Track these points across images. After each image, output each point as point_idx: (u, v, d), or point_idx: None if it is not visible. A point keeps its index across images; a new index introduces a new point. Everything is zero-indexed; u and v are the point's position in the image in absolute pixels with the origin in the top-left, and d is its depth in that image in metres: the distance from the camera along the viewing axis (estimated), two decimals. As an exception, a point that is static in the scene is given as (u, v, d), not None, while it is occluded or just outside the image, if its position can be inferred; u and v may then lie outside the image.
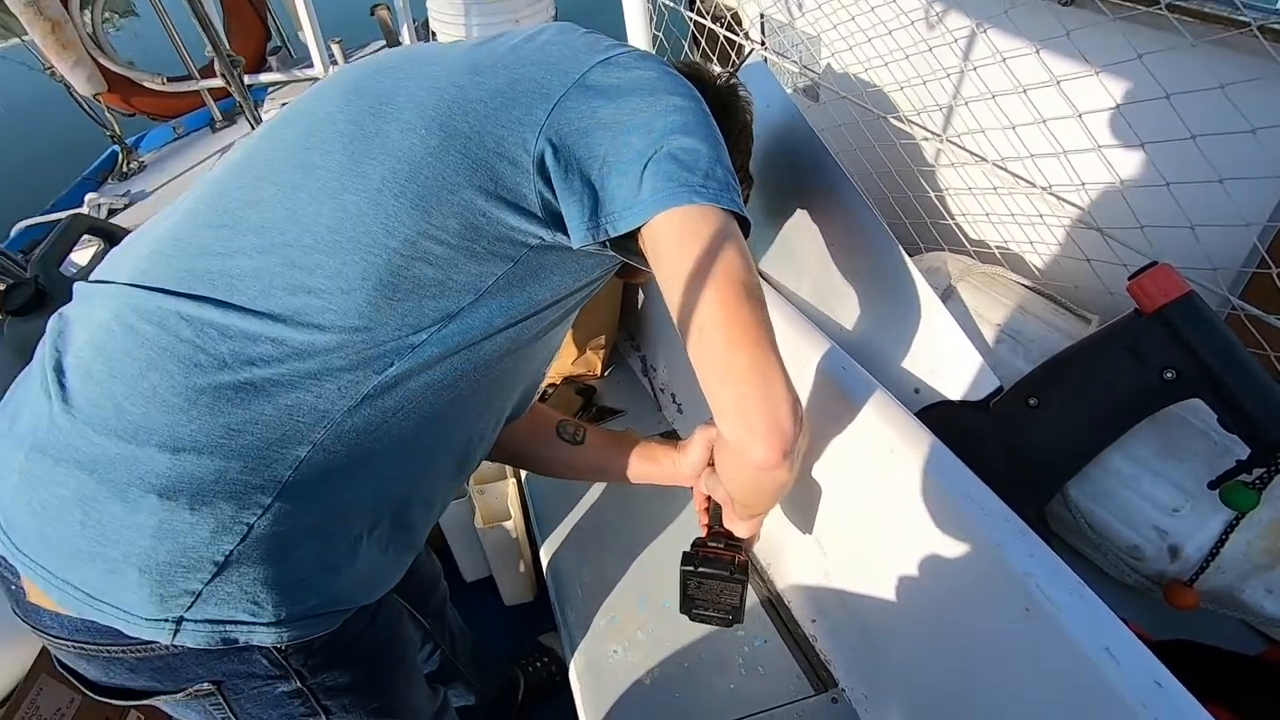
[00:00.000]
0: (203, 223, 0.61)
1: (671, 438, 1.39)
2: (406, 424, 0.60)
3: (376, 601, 0.68)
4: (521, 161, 0.60)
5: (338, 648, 0.64)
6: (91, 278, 0.63)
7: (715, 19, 1.59)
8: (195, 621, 0.55)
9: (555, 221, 0.62)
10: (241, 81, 2.21)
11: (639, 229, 0.59)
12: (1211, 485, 0.81)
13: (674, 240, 0.57)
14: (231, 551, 0.54)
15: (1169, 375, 0.79)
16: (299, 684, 0.63)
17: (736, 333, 0.55)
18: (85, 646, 0.58)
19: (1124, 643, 0.57)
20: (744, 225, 0.61)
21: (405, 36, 2.53)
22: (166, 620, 0.54)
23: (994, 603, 0.67)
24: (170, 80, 2.90)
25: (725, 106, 0.81)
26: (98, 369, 0.55)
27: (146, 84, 2.86)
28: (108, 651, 0.58)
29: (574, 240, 0.61)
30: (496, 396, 0.72)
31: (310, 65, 2.58)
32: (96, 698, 0.63)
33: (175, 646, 0.56)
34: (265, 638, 0.57)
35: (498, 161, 0.60)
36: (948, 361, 0.90)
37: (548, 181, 0.61)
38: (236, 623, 0.56)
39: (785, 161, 1.10)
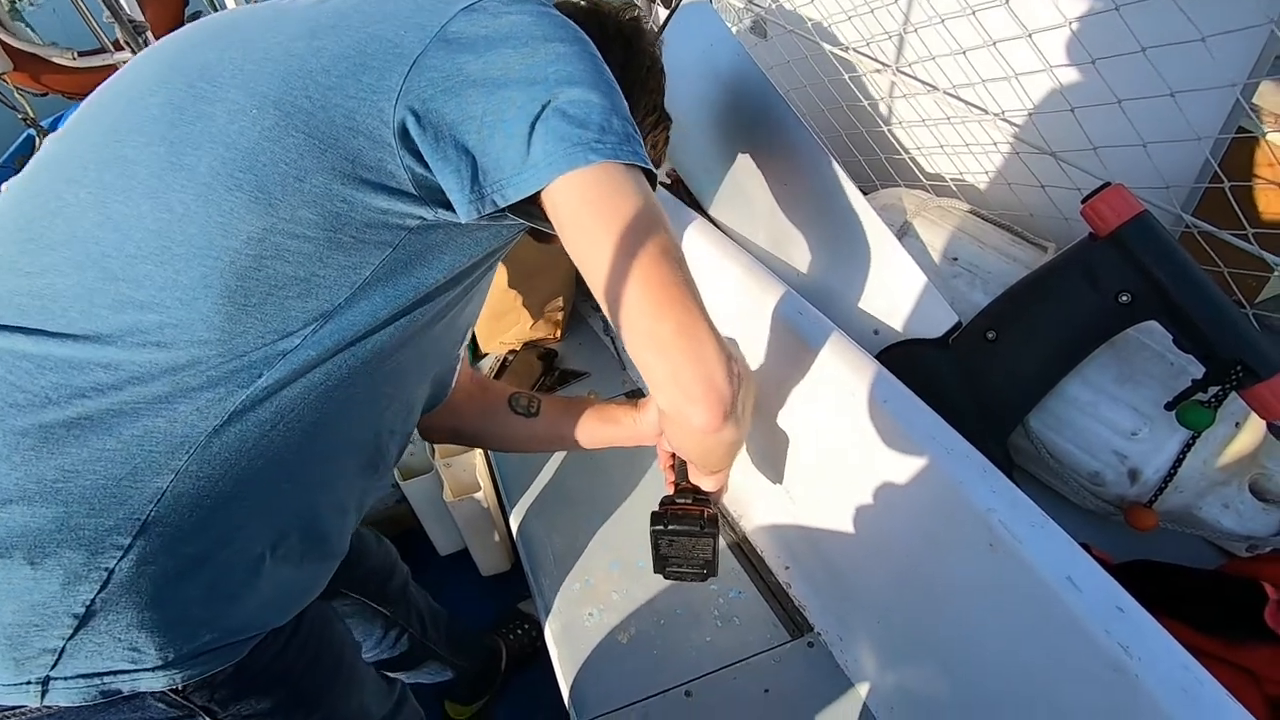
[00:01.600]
0: (3, 238, 0.53)
1: (636, 396, 1.38)
2: (292, 434, 0.55)
3: (295, 617, 0.64)
4: (379, 134, 0.52)
5: (250, 675, 0.60)
6: None
7: (654, -45, 1.50)
8: (65, 679, 0.50)
9: (434, 197, 0.55)
10: (153, 50, 2.07)
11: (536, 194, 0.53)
12: (1168, 406, 0.81)
13: (575, 206, 0.52)
14: (93, 601, 0.49)
15: (1124, 298, 0.78)
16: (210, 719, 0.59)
17: (659, 296, 0.51)
18: None
19: (1086, 571, 0.57)
20: (650, 177, 0.56)
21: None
22: (29, 683, 0.49)
23: (959, 540, 0.67)
24: (82, 54, 2.70)
25: (629, 42, 0.75)
26: None
27: (56, 60, 2.66)
28: None
29: (460, 214, 0.55)
30: (402, 388, 0.66)
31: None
32: None
33: (48, 707, 0.51)
34: (154, 683, 0.53)
35: (351, 138, 0.52)
36: (906, 300, 0.88)
37: (415, 154, 0.53)
38: (115, 673, 0.51)
39: (733, 104, 1.06)
